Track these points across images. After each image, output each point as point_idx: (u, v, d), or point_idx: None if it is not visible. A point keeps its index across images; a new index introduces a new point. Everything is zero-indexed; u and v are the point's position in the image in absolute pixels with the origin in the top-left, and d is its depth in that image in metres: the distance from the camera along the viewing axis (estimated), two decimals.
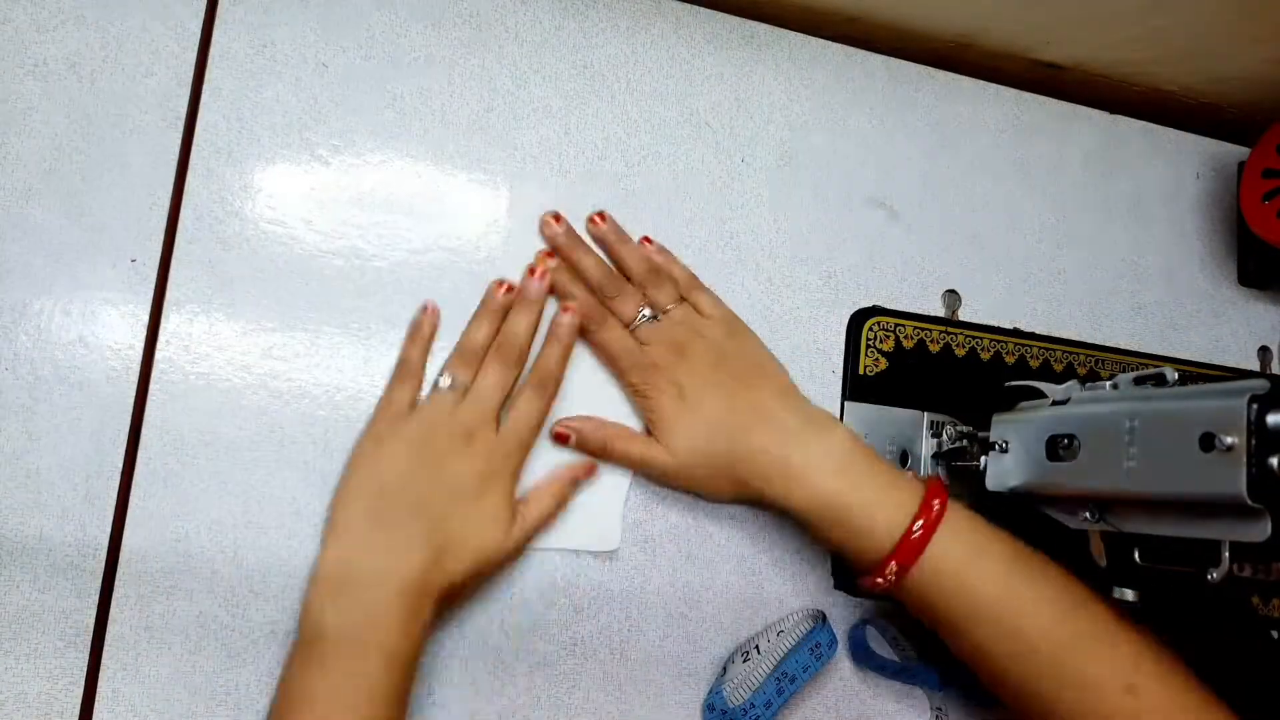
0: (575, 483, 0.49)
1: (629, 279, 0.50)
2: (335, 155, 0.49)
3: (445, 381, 0.46)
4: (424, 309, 0.48)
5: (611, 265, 0.51)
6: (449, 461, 0.44)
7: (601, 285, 0.49)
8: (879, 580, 0.44)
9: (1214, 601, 0.48)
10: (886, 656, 0.51)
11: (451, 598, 0.44)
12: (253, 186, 0.47)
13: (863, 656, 0.52)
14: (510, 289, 0.49)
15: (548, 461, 0.49)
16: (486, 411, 0.46)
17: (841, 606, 0.53)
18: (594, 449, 0.49)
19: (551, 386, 0.48)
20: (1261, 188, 0.61)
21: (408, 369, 0.47)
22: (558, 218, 0.50)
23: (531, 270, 0.49)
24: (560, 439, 0.49)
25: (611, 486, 0.50)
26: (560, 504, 0.48)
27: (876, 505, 0.44)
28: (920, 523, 0.43)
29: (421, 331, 0.48)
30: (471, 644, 0.47)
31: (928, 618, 0.46)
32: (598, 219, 0.51)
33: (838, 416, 0.55)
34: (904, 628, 0.53)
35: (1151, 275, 0.63)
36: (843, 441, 0.47)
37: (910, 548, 0.43)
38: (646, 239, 0.52)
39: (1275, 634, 0.51)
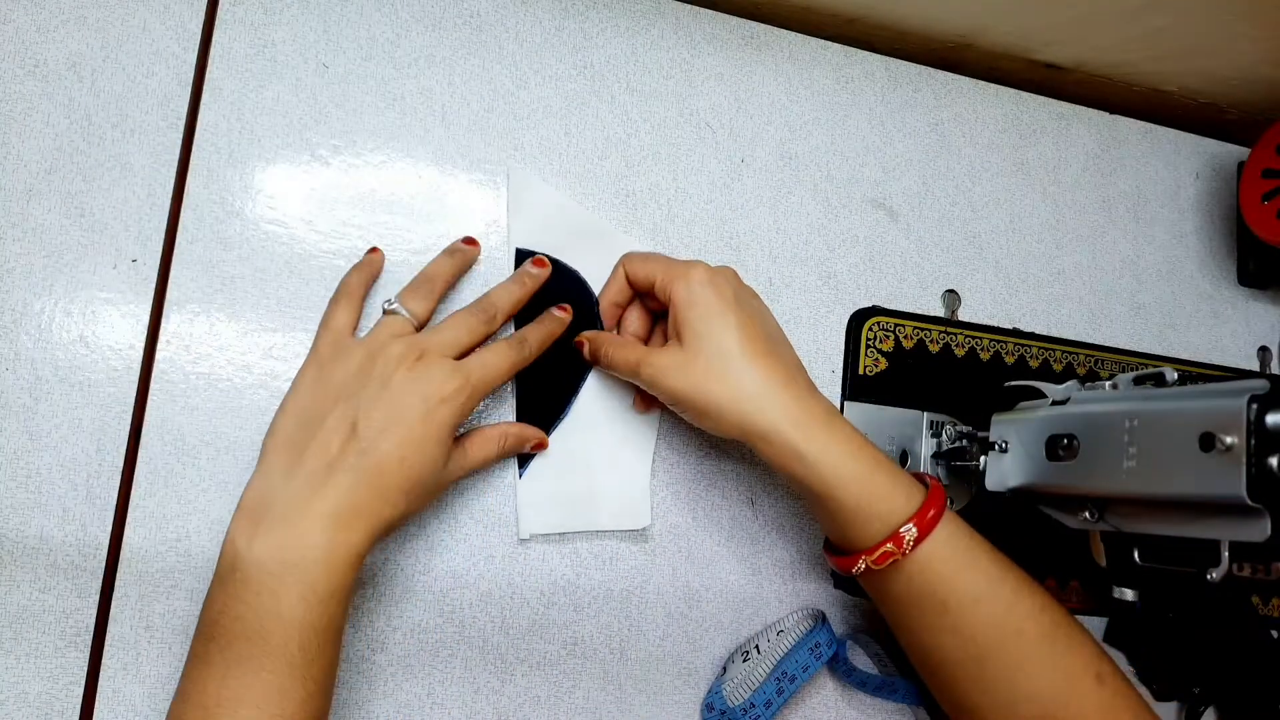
0: (523, 441, 0.48)
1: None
2: (336, 155, 0.49)
3: (395, 306, 0.45)
4: (370, 250, 0.48)
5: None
6: (394, 379, 0.42)
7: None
8: (886, 548, 0.43)
9: (1214, 601, 0.48)
10: (867, 671, 0.51)
11: (383, 528, 0.41)
12: (253, 187, 0.47)
13: (843, 671, 0.51)
14: (472, 242, 0.49)
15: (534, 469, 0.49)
16: (445, 345, 0.44)
17: (841, 607, 0.53)
18: (617, 364, 0.47)
19: (527, 351, 0.46)
20: (1261, 188, 0.61)
21: (348, 293, 0.46)
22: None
23: (536, 261, 0.49)
24: (579, 345, 0.48)
25: (636, 464, 0.50)
26: (501, 454, 0.47)
27: (887, 490, 0.44)
28: (931, 511, 0.43)
29: (368, 263, 0.47)
30: (471, 644, 0.47)
31: (908, 601, 0.44)
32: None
33: None
34: (885, 645, 0.53)
35: (1151, 275, 0.63)
36: (855, 433, 0.46)
37: (927, 524, 0.43)
38: None
39: (1276, 634, 0.51)
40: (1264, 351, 0.65)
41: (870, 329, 0.56)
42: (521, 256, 0.50)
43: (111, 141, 0.46)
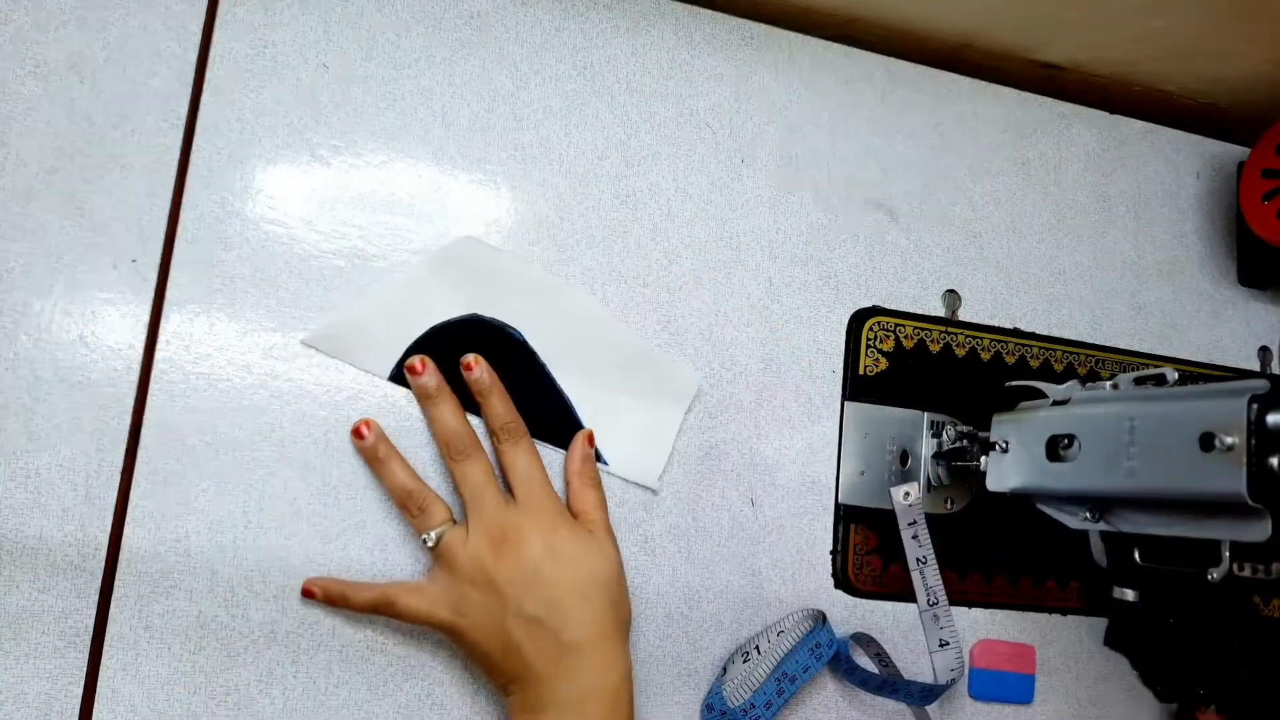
0: (588, 456, 0.49)
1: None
2: (336, 156, 0.49)
3: (432, 534, 0.44)
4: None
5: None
6: (507, 568, 0.43)
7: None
8: None
9: (1214, 601, 0.48)
10: (869, 670, 0.51)
11: (625, 636, 0.45)
12: (253, 187, 0.47)
13: (844, 670, 0.51)
14: (365, 429, 0.46)
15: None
16: (494, 502, 0.44)
17: (841, 607, 0.53)
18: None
19: (521, 429, 0.47)
20: (1261, 188, 0.61)
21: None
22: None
23: (414, 369, 0.47)
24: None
25: (663, 420, 0.51)
26: (597, 484, 0.48)
27: None
28: None
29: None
30: None
31: None
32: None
33: (837, 416, 0.55)
34: (886, 645, 0.53)
35: (1151, 275, 0.63)
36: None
37: None
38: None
39: None
40: (1264, 351, 0.65)
41: (870, 329, 0.56)
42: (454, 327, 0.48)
43: (111, 141, 0.46)
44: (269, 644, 0.45)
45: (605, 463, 0.50)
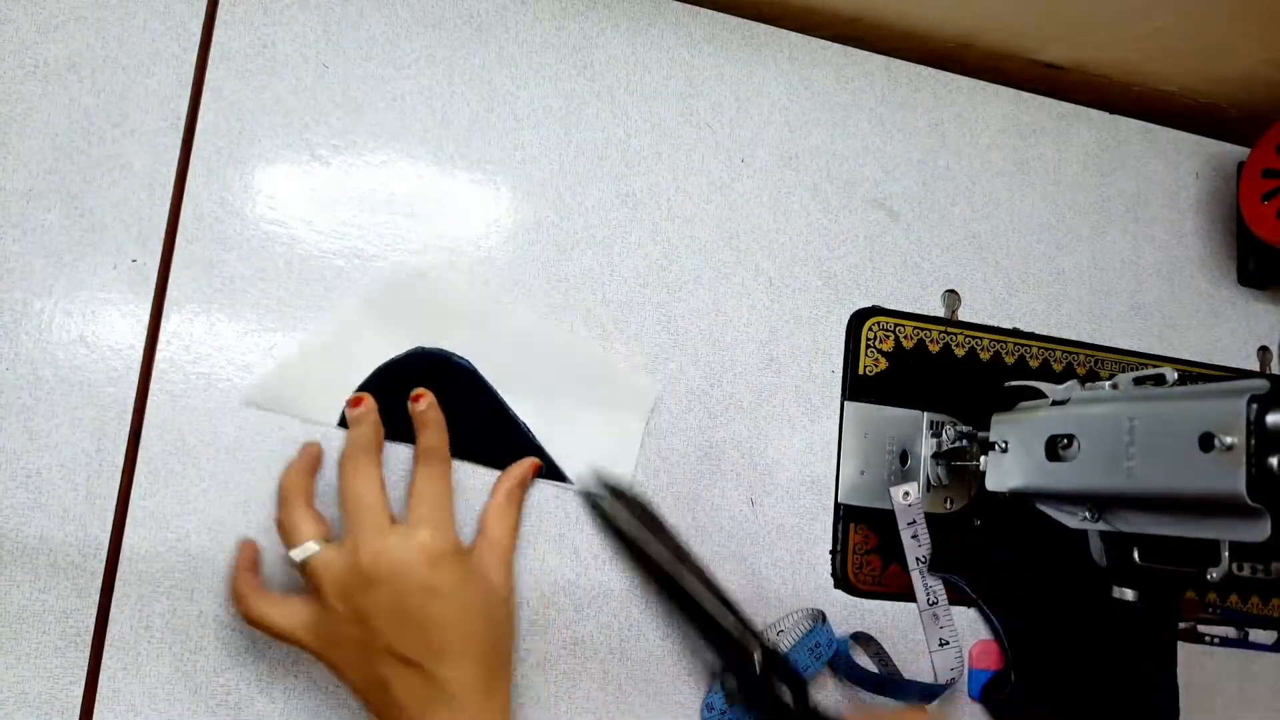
0: (526, 482, 0.47)
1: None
2: (336, 156, 0.49)
3: (296, 553, 0.41)
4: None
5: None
6: (377, 599, 0.39)
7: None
8: None
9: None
10: (868, 669, 0.51)
11: (510, 669, 0.43)
12: (253, 187, 0.47)
13: (844, 669, 0.51)
14: (309, 448, 0.45)
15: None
16: (374, 522, 0.41)
17: (841, 607, 0.53)
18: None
19: (443, 452, 0.45)
20: (1261, 188, 0.61)
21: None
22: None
23: (352, 403, 0.46)
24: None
25: (625, 431, 0.50)
26: (521, 506, 0.47)
27: None
28: None
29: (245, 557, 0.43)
30: None
31: None
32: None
33: (837, 416, 0.55)
34: (886, 644, 0.53)
35: (1151, 275, 0.63)
36: None
37: None
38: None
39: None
40: (1264, 351, 0.65)
41: (870, 329, 0.56)
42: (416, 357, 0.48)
43: (111, 141, 0.46)
44: (269, 644, 0.45)
45: (570, 482, 0.49)
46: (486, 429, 0.48)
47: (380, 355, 0.47)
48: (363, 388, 0.47)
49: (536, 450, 0.49)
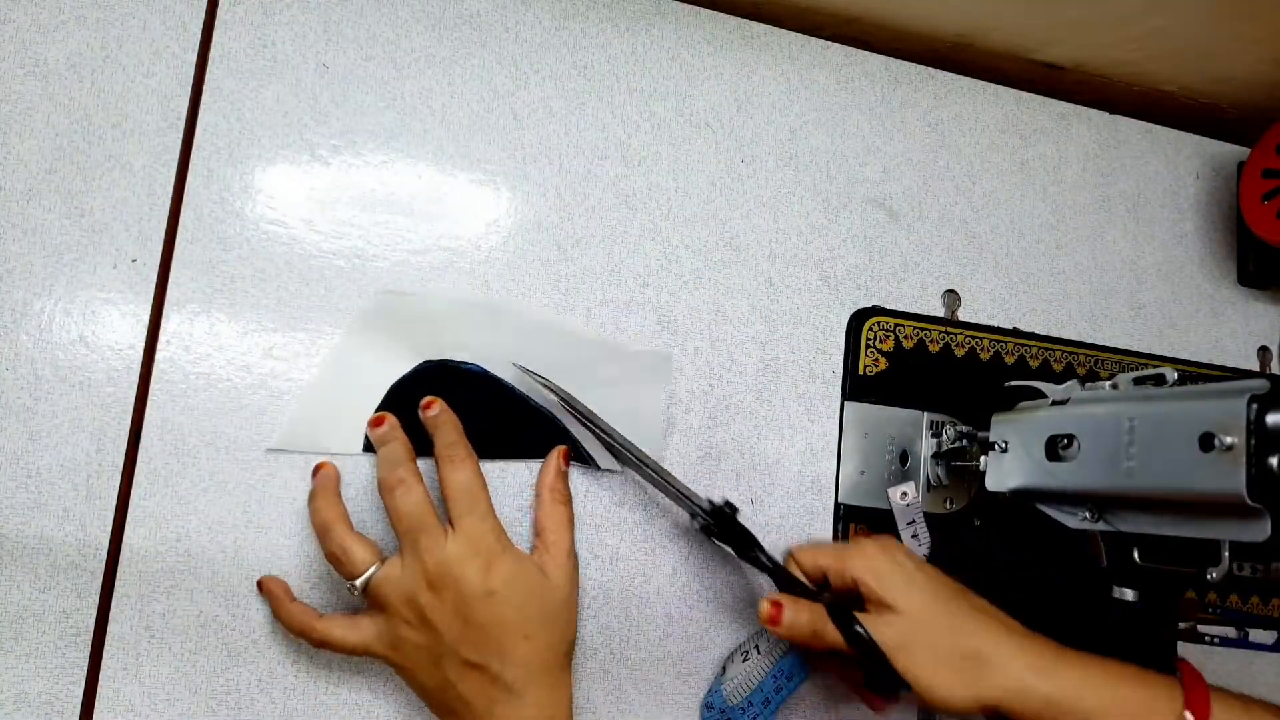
0: (562, 472, 0.47)
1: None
2: (336, 156, 0.49)
3: (357, 582, 0.42)
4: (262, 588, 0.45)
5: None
6: (446, 606, 0.41)
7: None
8: None
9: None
10: None
11: (570, 662, 0.45)
12: (253, 187, 0.47)
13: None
14: (323, 466, 0.45)
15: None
16: (428, 531, 0.42)
17: None
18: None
19: (464, 449, 0.44)
20: (1261, 188, 0.61)
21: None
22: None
23: (373, 422, 0.46)
24: (773, 621, 0.45)
25: (648, 399, 0.50)
26: (567, 500, 0.47)
27: (1146, 699, 0.41)
28: (1200, 703, 0.40)
29: (287, 603, 0.44)
30: None
31: None
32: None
33: (837, 416, 0.55)
34: None
35: (1151, 275, 0.63)
36: (1083, 655, 0.42)
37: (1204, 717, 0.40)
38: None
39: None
40: (1264, 351, 0.65)
41: (870, 329, 0.56)
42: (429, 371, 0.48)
43: (111, 141, 0.46)
44: (269, 644, 0.45)
45: (598, 466, 0.49)
46: (510, 423, 0.48)
47: (389, 377, 0.47)
48: (379, 410, 0.47)
49: (563, 433, 0.49)
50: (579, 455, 0.49)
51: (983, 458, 0.52)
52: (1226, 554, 0.42)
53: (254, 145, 0.48)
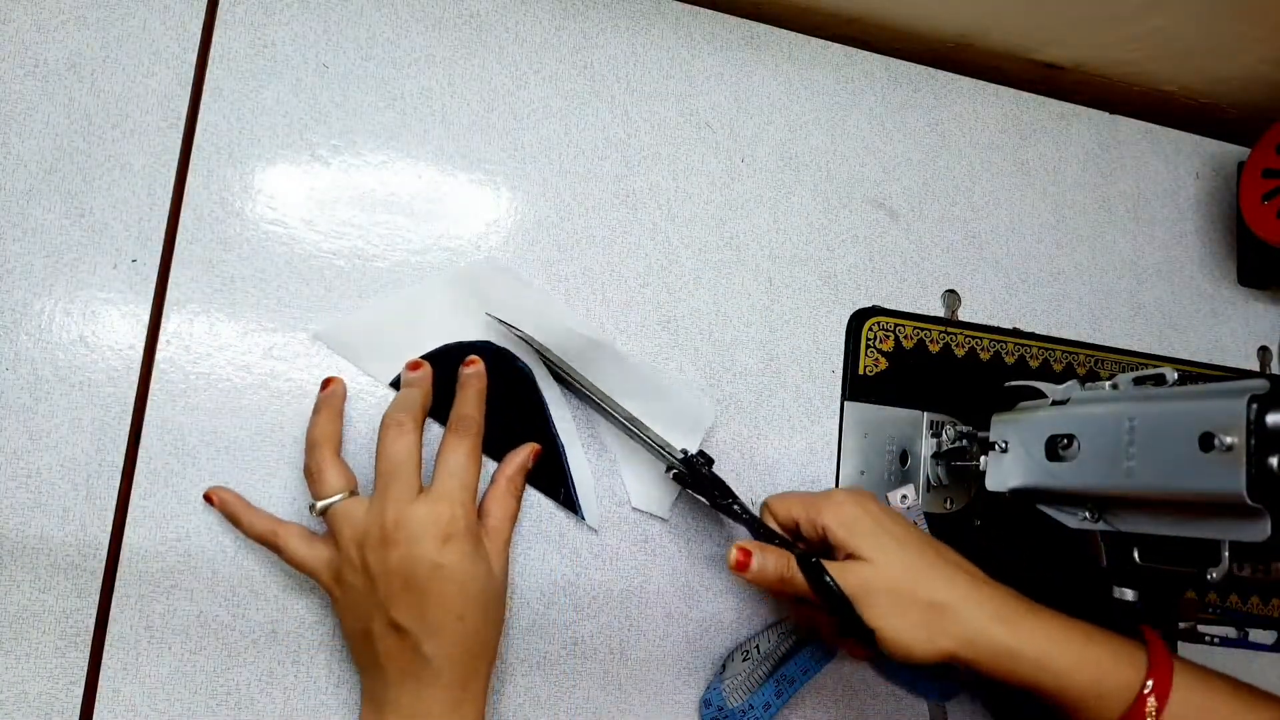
0: (525, 469, 0.47)
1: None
2: (336, 156, 0.49)
3: (320, 504, 0.42)
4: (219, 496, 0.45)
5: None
6: (390, 562, 0.41)
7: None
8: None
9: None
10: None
11: (491, 667, 0.44)
12: (253, 187, 0.47)
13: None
14: (331, 382, 0.46)
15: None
16: (403, 489, 0.42)
17: None
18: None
19: (475, 426, 0.45)
20: (1261, 188, 0.61)
21: (265, 524, 0.44)
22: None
23: (413, 365, 0.47)
24: (740, 565, 0.44)
25: (668, 388, 0.50)
26: (520, 495, 0.47)
27: (1111, 662, 0.42)
28: (1162, 670, 0.41)
29: (237, 503, 0.44)
30: None
31: None
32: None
33: (837, 416, 0.55)
34: None
35: (1151, 275, 0.63)
36: (1053, 612, 0.43)
37: (1164, 685, 0.40)
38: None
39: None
40: (1264, 351, 0.65)
41: (870, 329, 0.56)
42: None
43: (111, 141, 0.46)
44: (269, 644, 0.45)
45: (581, 516, 0.49)
46: (521, 437, 0.48)
47: (448, 334, 0.48)
48: (424, 358, 0.47)
49: (562, 474, 0.49)
50: (569, 502, 0.49)
51: (983, 458, 0.52)
52: (1226, 554, 0.42)
53: (254, 145, 0.48)
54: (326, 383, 0.46)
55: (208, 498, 0.44)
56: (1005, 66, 0.65)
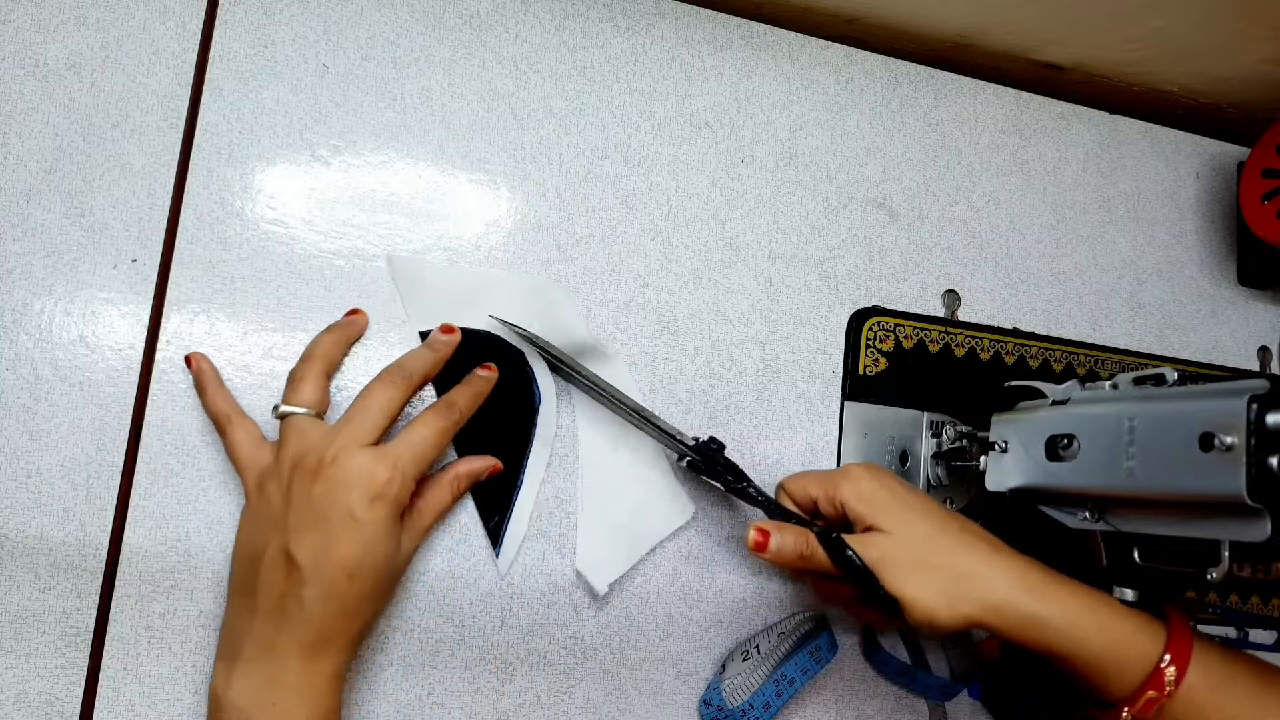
0: (476, 475, 0.46)
1: None
2: (336, 156, 0.49)
3: (283, 408, 0.42)
4: (196, 362, 0.45)
5: None
6: (314, 494, 0.40)
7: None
8: (1149, 695, 0.41)
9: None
10: (894, 655, 0.51)
11: (357, 640, 0.41)
12: (253, 187, 0.47)
13: (869, 649, 0.52)
14: (356, 312, 0.47)
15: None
16: (360, 432, 0.41)
17: (842, 607, 0.53)
18: None
19: (457, 415, 0.44)
20: (1261, 188, 0.61)
21: (229, 413, 0.44)
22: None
23: (445, 328, 0.47)
24: (758, 546, 0.44)
25: (643, 536, 0.50)
26: (457, 496, 0.46)
27: (1130, 632, 0.42)
28: (1182, 644, 0.41)
29: (215, 381, 0.45)
30: (471, 644, 0.47)
31: None
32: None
33: (837, 416, 0.55)
34: (885, 645, 0.53)
35: (1151, 275, 0.63)
36: (1077, 582, 0.43)
37: (1183, 659, 0.41)
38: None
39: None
40: (1264, 351, 0.65)
41: (870, 329, 0.56)
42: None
43: (111, 141, 0.46)
44: None
45: (496, 557, 0.48)
46: (492, 452, 0.48)
47: (495, 327, 0.48)
48: (464, 330, 0.48)
49: (505, 507, 0.48)
50: (494, 533, 0.48)
51: (983, 458, 0.52)
52: (1226, 554, 0.42)
53: (254, 145, 0.48)
54: (353, 312, 0.47)
55: (187, 360, 0.45)
56: (1005, 66, 0.65)
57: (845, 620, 0.53)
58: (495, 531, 0.48)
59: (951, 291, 0.58)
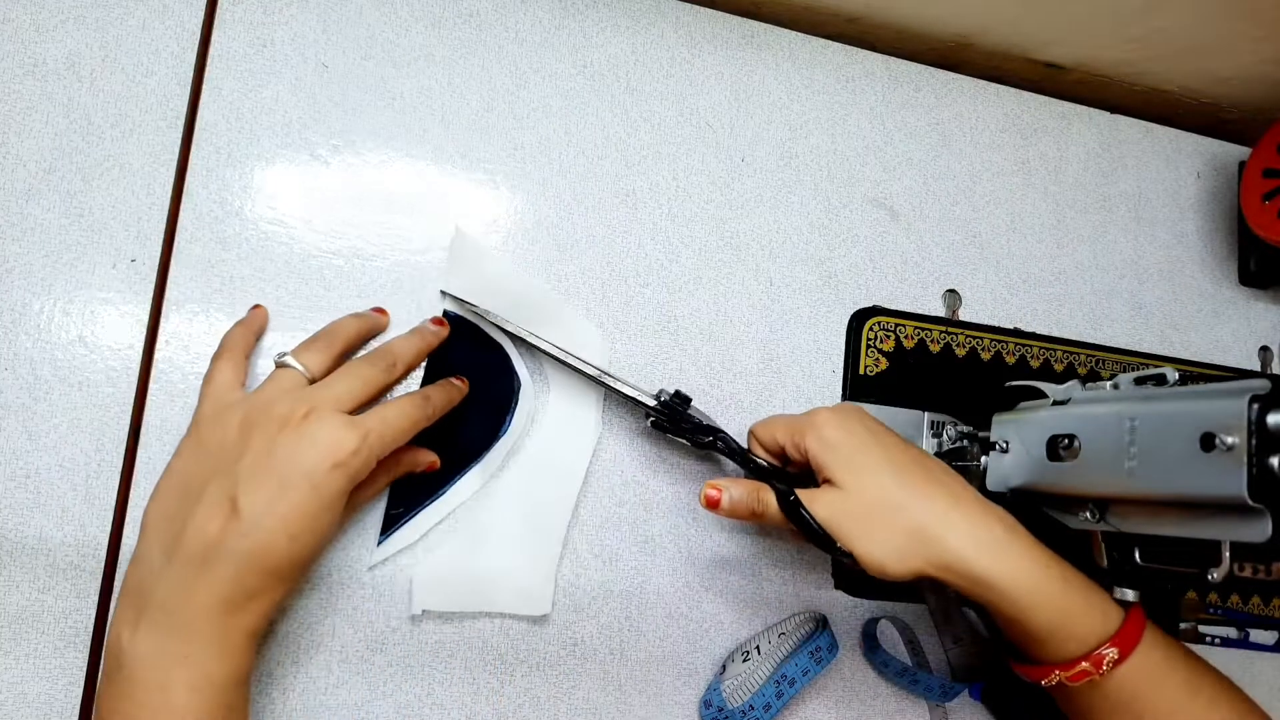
0: (413, 466, 0.46)
1: None
2: (335, 155, 0.49)
3: (286, 358, 0.42)
4: (254, 308, 0.46)
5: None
6: (278, 443, 0.38)
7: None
8: (1082, 666, 0.41)
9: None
10: (894, 656, 0.51)
11: (278, 604, 0.39)
12: (252, 186, 0.47)
13: (870, 649, 0.52)
14: (382, 312, 0.47)
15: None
16: (338, 397, 0.40)
17: (841, 608, 0.53)
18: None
19: (431, 410, 0.43)
20: (1262, 187, 0.61)
21: (230, 347, 0.43)
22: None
23: (436, 320, 0.48)
24: (712, 502, 0.44)
25: (543, 549, 0.48)
26: (390, 480, 0.45)
27: (1082, 609, 0.42)
28: (1133, 637, 0.41)
29: (252, 318, 0.45)
30: (471, 644, 0.47)
31: (1099, 712, 0.43)
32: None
33: None
34: (918, 635, 0.53)
35: (1151, 275, 0.63)
36: (1038, 547, 0.43)
37: (1128, 647, 0.41)
38: None
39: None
40: (1265, 351, 0.65)
41: (871, 329, 0.56)
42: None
43: (110, 141, 0.46)
44: (268, 644, 0.45)
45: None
46: (441, 450, 0.47)
47: (512, 326, 0.48)
48: (451, 315, 0.48)
49: (415, 505, 0.47)
50: (390, 523, 0.47)
51: (983, 458, 0.52)
52: (1227, 554, 0.42)
53: (253, 145, 0.48)
54: (379, 310, 0.47)
55: (255, 309, 0.46)
56: (1005, 66, 0.65)
57: (845, 620, 0.53)
58: (391, 522, 0.47)
59: (952, 291, 0.58)
